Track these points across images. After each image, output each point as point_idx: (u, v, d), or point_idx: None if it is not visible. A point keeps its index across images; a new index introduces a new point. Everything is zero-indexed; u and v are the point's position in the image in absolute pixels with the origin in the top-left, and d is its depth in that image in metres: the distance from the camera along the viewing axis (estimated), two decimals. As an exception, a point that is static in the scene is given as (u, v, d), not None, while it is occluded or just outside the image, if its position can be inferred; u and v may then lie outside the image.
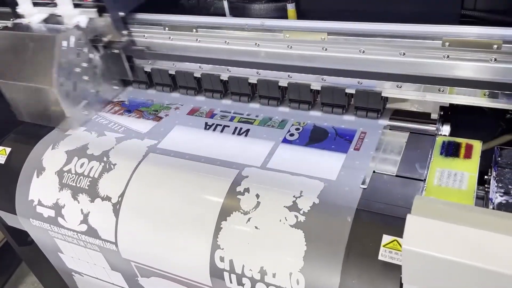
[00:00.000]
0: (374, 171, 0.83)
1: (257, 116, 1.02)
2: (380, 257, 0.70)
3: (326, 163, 0.86)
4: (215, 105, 1.09)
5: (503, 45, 0.77)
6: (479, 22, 1.00)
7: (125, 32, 1.12)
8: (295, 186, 0.81)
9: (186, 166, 0.92)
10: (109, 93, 1.18)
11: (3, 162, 1.07)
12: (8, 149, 1.08)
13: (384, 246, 0.71)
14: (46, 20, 1.12)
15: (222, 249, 0.81)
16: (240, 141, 0.96)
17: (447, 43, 0.81)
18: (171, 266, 0.91)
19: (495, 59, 0.79)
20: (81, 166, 0.98)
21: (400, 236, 0.62)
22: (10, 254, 1.61)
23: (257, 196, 0.82)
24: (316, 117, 0.99)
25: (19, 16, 1.16)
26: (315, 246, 0.75)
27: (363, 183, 0.80)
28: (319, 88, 0.96)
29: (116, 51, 1.12)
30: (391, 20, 0.87)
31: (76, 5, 1.09)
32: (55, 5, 1.11)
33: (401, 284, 0.65)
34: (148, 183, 0.91)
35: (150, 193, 0.90)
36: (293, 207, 0.78)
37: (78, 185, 0.97)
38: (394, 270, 0.68)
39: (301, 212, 0.77)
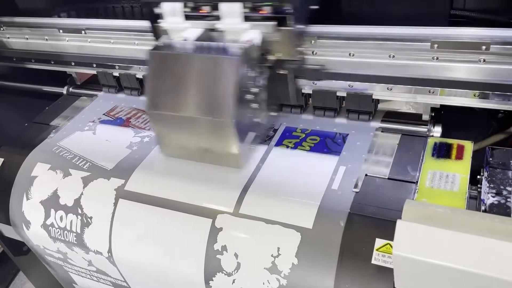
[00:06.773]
0: (366, 174, 0.83)
1: None
2: (373, 261, 0.70)
3: (301, 210, 0.79)
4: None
5: (491, 46, 0.77)
6: (469, 22, 1.00)
7: (300, 49, 0.91)
8: (271, 242, 0.77)
9: (159, 218, 0.86)
10: (269, 122, 0.98)
11: (-4, 173, 1.07)
12: (1, 160, 1.08)
13: (377, 250, 0.71)
14: (200, 37, 0.90)
15: None
16: (209, 179, 0.89)
17: (435, 45, 0.81)
18: None
19: (484, 60, 0.79)
20: (61, 219, 0.95)
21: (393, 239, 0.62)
22: (9, 263, 1.60)
23: (236, 255, 0.79)
24: (308, 120, 0.99)
25: (161, 32, 0.95)
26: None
27: (356, 186, 0.80)
28: (311, 92, 0.96)
29: (283, 71, 0.92)
30: (380, 22, 0.87)
31: (246, 18, 0.87)
32: (215, 18, 0.89)
33: (394, 288, 0.65)
34: (128, 239, 0.89)
35: (135, 249, 0.89)
36: (273, 269, 0.76)
37: (67, 240, 0.96)
38: (388, 273, 0.69)
39: (282, 275, 0.75)
